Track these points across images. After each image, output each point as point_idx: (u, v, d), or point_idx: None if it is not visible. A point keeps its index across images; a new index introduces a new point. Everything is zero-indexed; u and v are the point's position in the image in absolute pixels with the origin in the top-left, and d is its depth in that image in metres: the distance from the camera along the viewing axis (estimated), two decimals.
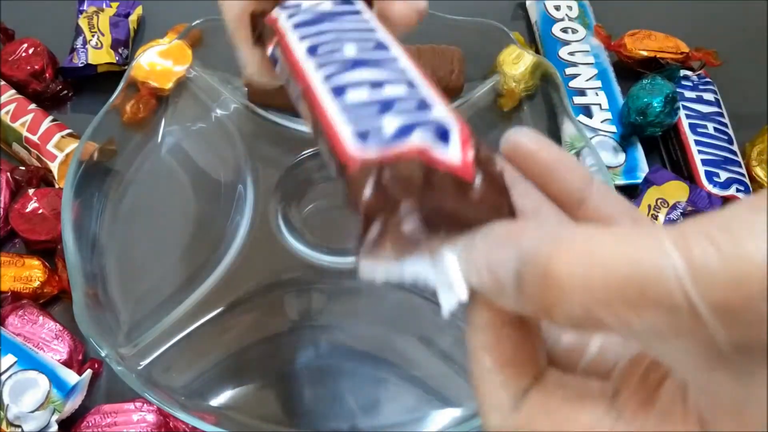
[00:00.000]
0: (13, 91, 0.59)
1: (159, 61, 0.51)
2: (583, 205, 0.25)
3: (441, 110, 0.23)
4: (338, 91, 0.23)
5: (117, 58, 0.61)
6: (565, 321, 0.18)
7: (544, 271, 0.17)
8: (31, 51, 0.61)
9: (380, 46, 0.26)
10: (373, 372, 0.47)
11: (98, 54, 0.61)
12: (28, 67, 0.60)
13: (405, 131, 0.22)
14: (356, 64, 0.24)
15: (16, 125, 0.57)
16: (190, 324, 0.45)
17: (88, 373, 0.48)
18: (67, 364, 0.48)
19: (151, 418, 0.46)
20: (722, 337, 0.16)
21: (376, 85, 0.23)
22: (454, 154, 0.21)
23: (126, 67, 0.54)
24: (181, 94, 0.52)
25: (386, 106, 0.22)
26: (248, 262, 0.48)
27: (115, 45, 0.61)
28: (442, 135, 0.22)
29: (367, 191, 0.21)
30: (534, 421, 0.21)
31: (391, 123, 0.22)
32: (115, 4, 0.65)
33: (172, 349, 0.44)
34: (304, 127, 0.52)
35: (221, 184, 0.51)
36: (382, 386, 0.46)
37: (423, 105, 0.23)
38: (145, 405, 0.46)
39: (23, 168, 0.57)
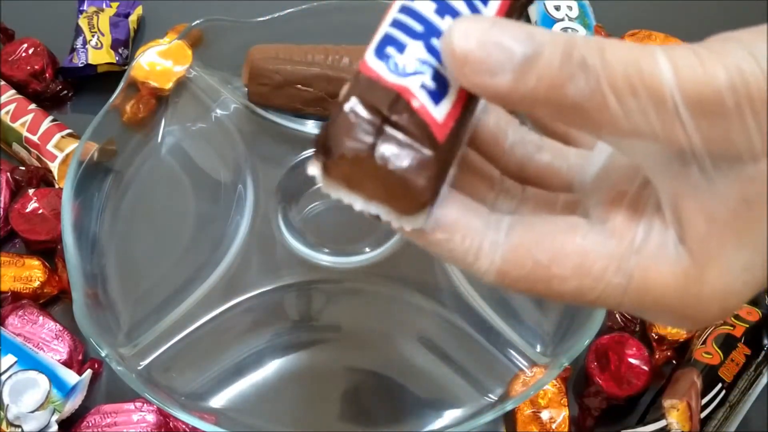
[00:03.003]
0: (13, 91, 0.59)
1: (159, 61, 0.51)
2: None
3: (448, 98, 0.23)
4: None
5: (117, 58, 0.61)
6: (573, 95, 0.20)
7: (569, 51, 0.20)
8: (31, 51, 0.61)
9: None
10: (373, 372, 0.47)
11: (98, 54, 0.61)
12: (28, 67, 0.60)
13: (410, 69, 0.22)
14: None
15: (16, 125, 0.57)
16: (190, 324, 0.45)
17: (88, 373, 0.48)
18: (67, 364, 0.48)
19: (151, 418, 0.46)
20: (694, 134, 0.20)
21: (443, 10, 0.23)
22: (440, 112, 0.22)
23: (126, 67, 0.54)
24: (181, 94, 0.52)
25: (431, 32, 0.22)
26: (248, 262, 0.48)
27: (115, 45, 0.61)
28: (439, 95, 0.22)
29: (348, 101, 0.22)
30: (529, 250, 0.23)
31: (412, 50, 0.22)
32: (115, 4, 0.65)
33: (172, 349, 0.44)
34: (304, 127, 0.52)
35: (221, 184, 0.51)
36: (382, 386, 0.46)
37: None
38: (145, 405, 0.47)
39: (23, 168, 0.57)
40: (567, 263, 0.22)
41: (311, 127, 0.52)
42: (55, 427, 0.45)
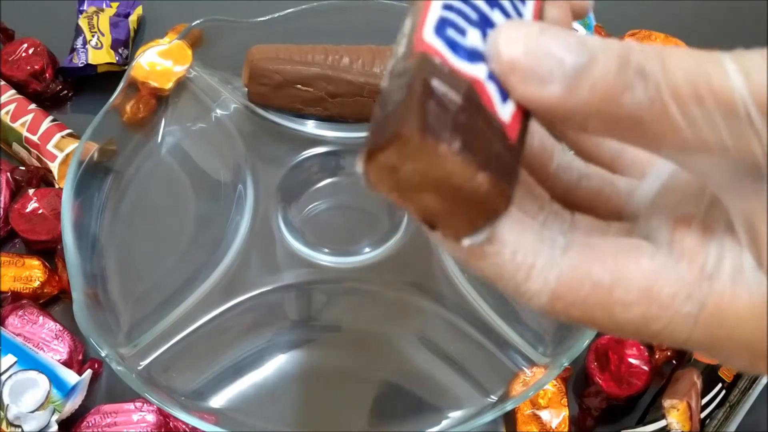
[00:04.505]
0: (13, 91, 0.59)
1: (159, 61, 0.51)
2: None
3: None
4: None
5: (117, 58, 0.61)
6: (630, 106, 0.18)
7: (625, 58, 0.19)
8: (31, 51, 0.61)
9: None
10: (373, 372, 0.47)
11: (98, 54, 0.61)
12: (28, 67, 0.60)
13: (477, 56, 0.20)
14: None
15: (16, 125, 0.57)
16: (190, 324, 0.45)
17: (88, 373, 0.48)
18: (67, 364, 0.48)
19: (151, 418, 0.46)
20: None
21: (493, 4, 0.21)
22: (506, 111, 0.20)
23: (126, 67, 0.54)
24: (181, 94, 0.52)
25: (485, 22, 0.20)
26: (248, 262, 0.48)
27: (115, 45, 0.61)
28: (503, 91, 0.20)
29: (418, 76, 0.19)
30: (588, 271, 0.20)
31: (472, 37, 0.20)
32: (115, 4, 0.65)
33: (172, 349, 0.44)
34: (304, 127, 0.52)
35: (221, 184, 0.51)
36: (382, 386, 0.46)
37: None
38: (145, 405, 0.47)
39: (23, 168, 0.57)
40: (632, 286, 0.20)
41: (311, 127, 0.52)
42: (55, 427, 0.45)
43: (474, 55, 0.20)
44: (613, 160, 0.25)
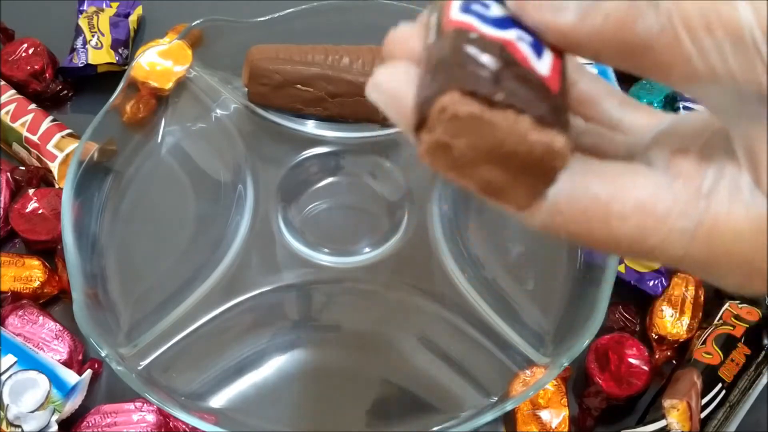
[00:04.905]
0: (13, 91, 0.59)
1: (159, 61, 0.51)
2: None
3: (547, 52, 0.21)
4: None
5: (117, 58, 0.61)
6: (643, 32, 0.19)
7: None
8: (31, 51, 0.61)
9: None
10: (374, 372, 0.47)
11: (98, 54, 0.61)
12: (28, 67, 0.60)
13: (505, 23, 0.20)
14: None
15: (16, 125, 0.57)
16: (190, 324, 0.45)
17: (88, 373, 0.48)
18: (67, 364, 0.48)
19: (151, 418, 0.46)
20: None
21: None
22: (544, 65, 0.20)
23: (126, 67, 0.54)
24: (181, 94, 0.52)
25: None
26: (248, 262, 0.48)
27: (115, 45, 0.61)
28: (537, 49, 0.20)
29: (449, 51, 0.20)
30: (587, 187, 0.21)
31: (496, 10, 0.21)
32: (115, 4, 0.65)
33: (172, 349, 0.44)
34: (304, 127, 0.52)
35: (221, 184, 0.51)
36: (382, 386, 0.46)
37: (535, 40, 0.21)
38: (145, 405, 0.47)
39: (23, 168, 0.57)
40: (629, 201, 0.21)
41: (311, 127, 0.52)
42: (55, 427, 0.45)
43: (502, 22, 0.20)
44: (613, 127, 0.26)
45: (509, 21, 0.21)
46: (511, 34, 0.20)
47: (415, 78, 0.21)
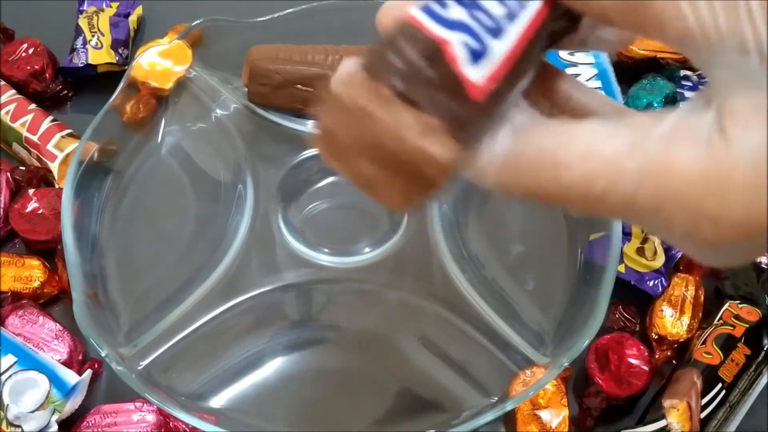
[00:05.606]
0: (13, 91, 0.59)
1: (159, 61, 0.51)
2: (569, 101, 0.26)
3: (499, 45, 0.21)
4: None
5: (117, 58, 0.61)
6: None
7: None
8: (31, 51, 0.61)
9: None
10: (373, 372, 0.47)
11: (98, 54, 0.61)
12: (28, 67, 0.60)
13: (456, 26, 0.21)
14: None
15: (16, 125, 0.57)
16: (190, 324, 0.45)
17: (88, 373, 0.48)
18: (67, 364, 0.48)
19: (151, 418, 0.46)
20: (762, 27, 0.19)
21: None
22: (477, 72, 0.21)
23: (126, 67, 0.54)
24: (181, 94, 0.52)
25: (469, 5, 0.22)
26: (248, 262, 0.48)
27: (115, 45, 0.61)
28: (476, 56, 0.21)
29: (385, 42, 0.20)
30: (533, 140, 0.21)
31: (455, 12, 0.21)
32: (115, 4, 0.65)
33: (172, 349, 0.44)
34: (304, 127, 0.52)
35: (221, 184, 0.51)
36: (382, 386, 0.46)
37: (495, 30, 0.21)
38: (145, 405, 0.47)
39: (23, 168, 0.57)
40: (575, 147, 0.21)
41: (311, 127, 0.52)
42: (55, 427, 0.45)
43: (452, 24, 0.20)
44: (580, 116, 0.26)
45: (463, 25, 0.21)
46: (454, 36, 0.20)
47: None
